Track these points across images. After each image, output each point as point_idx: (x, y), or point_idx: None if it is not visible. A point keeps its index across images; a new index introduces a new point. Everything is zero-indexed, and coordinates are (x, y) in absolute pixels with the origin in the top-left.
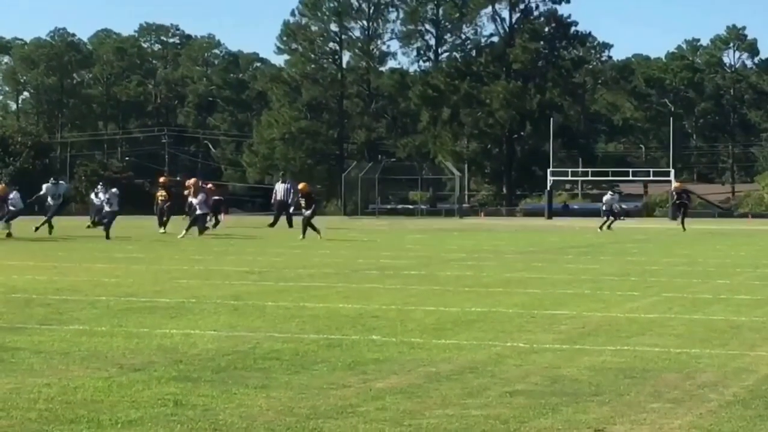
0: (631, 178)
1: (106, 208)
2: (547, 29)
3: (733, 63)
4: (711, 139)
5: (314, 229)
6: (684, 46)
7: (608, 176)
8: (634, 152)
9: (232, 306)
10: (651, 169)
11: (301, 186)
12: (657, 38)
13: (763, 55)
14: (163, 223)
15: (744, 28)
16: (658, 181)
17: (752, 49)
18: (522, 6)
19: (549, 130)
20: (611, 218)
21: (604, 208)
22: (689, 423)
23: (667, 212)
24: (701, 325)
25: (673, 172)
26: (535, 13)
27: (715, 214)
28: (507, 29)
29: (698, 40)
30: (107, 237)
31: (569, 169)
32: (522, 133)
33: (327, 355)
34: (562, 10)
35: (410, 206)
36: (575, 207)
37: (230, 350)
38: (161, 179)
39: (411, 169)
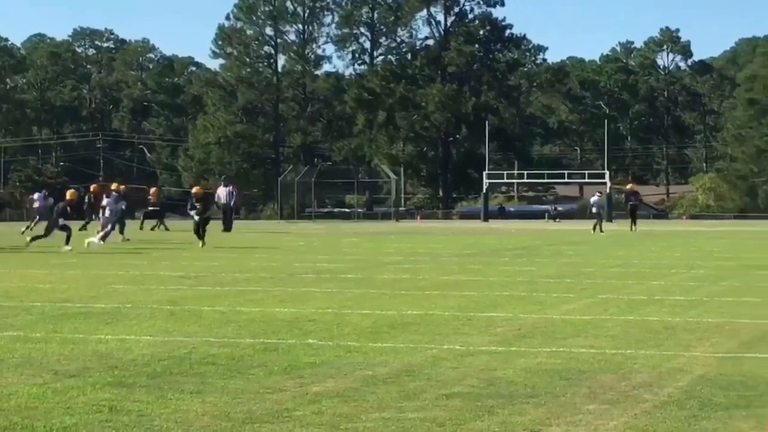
0: (566, 180)
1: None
2: (481, 32)
3: (666, 65)
4: (645, 140)
5: (202, 235)
6: (618, 48)
7: (544, 178)
8: (569, 154)
9: (167, 311)
10: (586, 171)
11: (194, 190)
12: (591, 41)
13: (696, 57)
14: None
15: (678, 30)
16: (593, 183)
17: (686, 51)
18: (457, 9)
19: (484, 133)
20: (600, 219)
21: (593, 210)
22: (624, 424)
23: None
24: (636, 326)
25: (608, 173)
26: (470, 16)
27: (650, 216)
28: (442, 32)
29: (632, 42)
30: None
31: (505, 172)
32: (457, 136)
33: (263, 360)
34: (497, 13)
35: (346, 209)
36: (511, 209)
37: (166, 355)
38: (93, 186)
39: (347, 172)
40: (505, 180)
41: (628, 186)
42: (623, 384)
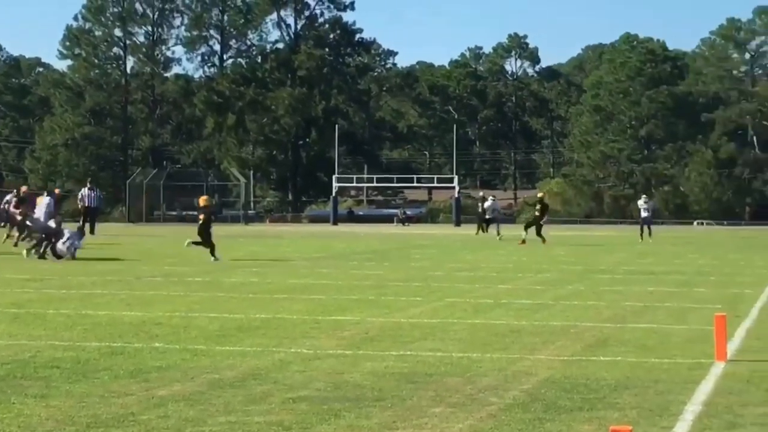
0: (415, 184)
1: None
2: (332, 36)
3: (515, 71)
4: (494, 146)
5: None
6: (467, 54)
7: (393, 182)
8: (418, 159)
9: (12, 314)
10: (435, 176)
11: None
12: (441, 46)
13: (544, 64)
14: None
15: (525, 36)
16: (442, 188)
17: (533, 57)
18: (307, 13)
19: (334, 137)
20: (497, 224)
21: (488, 215)
22: (470, 427)
23: (450, 218)
24: (483, 329)
25: (456, 178)
26: (320, 20)
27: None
28: (292, 36)
29: (481, 48)
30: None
31: (354, 176)
32: (307, 140)
33: (109, 363)
34: (347, 17)
35: (195, 213)
36: (360, 213)
37: (9, 359)
38: None
39: (196, 175)
40: (355, 184)
41: (540, 194)
42: (469, 387)
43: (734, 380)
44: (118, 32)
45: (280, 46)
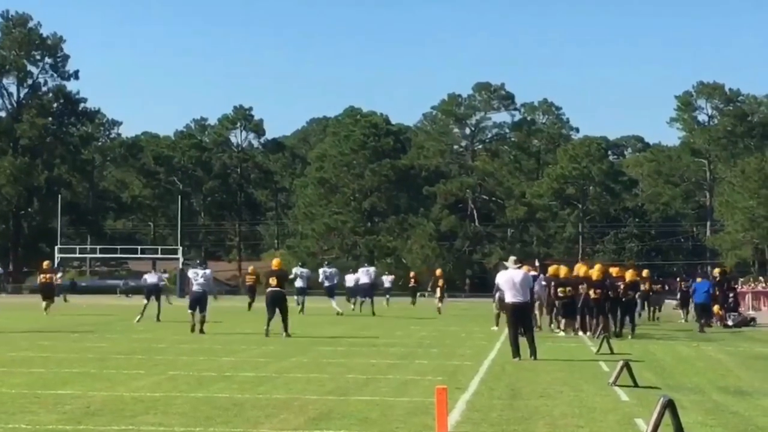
0: (139, 255)
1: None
2: (55, 105)
3: (240, 142)
4: (219, 216)
5: None
6: (192, 125)
7: (117, 253)
8: (142, 229)
9: None
10: (159, 247)
11: None
12: (166, 116)
13: (269, 136)
14: None
15: (251, 108)
16: (166, 259)
17: (258, 129)
18: (30, 81)
19: (57, 207)
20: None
21: (326, 283)
22: None
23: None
24: (205, 402)
25: (181, 249)
26: (44, 89)
27: (224, 292)
28: (15, 104)
29: (206, 119)
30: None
31: (78, 246)
32: (29, 209)
33: None
34: (71, 86)
35: None
36: (83, 284)
37: None
38: None
39: None
40: (78, 255)
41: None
42: None
43: None
44: None
45: (2, 114)
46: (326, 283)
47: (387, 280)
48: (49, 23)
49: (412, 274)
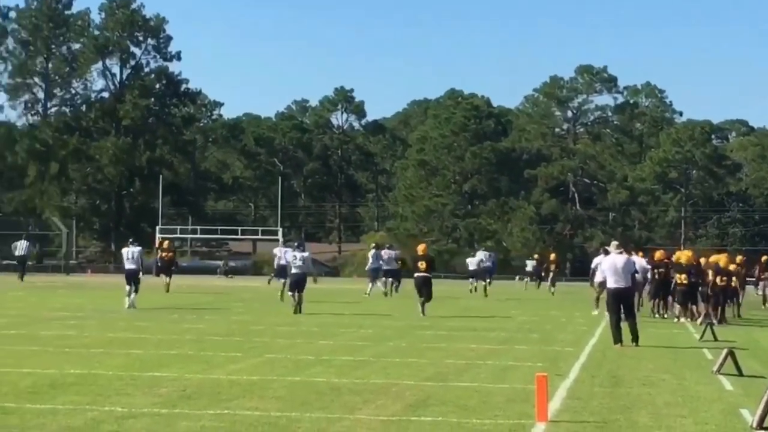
0: (240, 236)
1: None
2: (157, 86)
3: (341, 124)
4: (319, 198)
5: None
6: (293, 106)
7: (217, 234)
8: (243, 210)
9: None
10: (260, 228)
11: None
12: (267, 98)
13: (369, 118)
14: None
15: (352, 90)
16: (266, 240)
17: (359, 111)
18: (132, 62)
19: (158, 187)
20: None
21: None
22: None
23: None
24: (302, 387)
25: (281, 230)
26: (146, 70)
27: (323, 273)
28: (117, 85)
29: (307, 101)
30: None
31: (178, 227)
32: (131, 190)
33: None
34: (173, 67)
35: (15, 262)
36: (184, 264)
37: None
38: None
39: (17, 224)
40: (179, 235)
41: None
42: None
43: None
44: None
45: (105, 95)
46: (384, 267)
47: (530, 264)
48: (151, 4)
49: (552, 256)
